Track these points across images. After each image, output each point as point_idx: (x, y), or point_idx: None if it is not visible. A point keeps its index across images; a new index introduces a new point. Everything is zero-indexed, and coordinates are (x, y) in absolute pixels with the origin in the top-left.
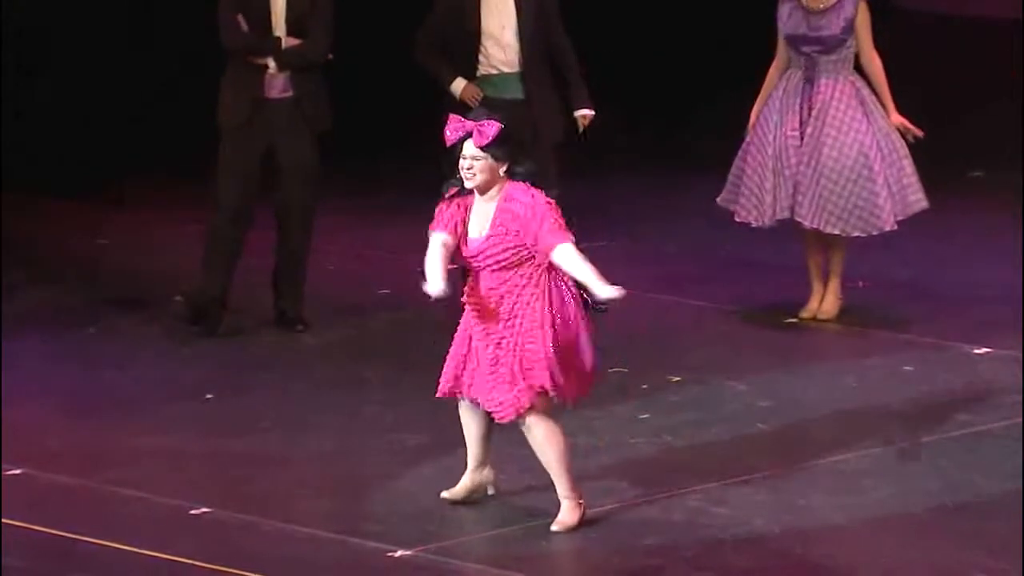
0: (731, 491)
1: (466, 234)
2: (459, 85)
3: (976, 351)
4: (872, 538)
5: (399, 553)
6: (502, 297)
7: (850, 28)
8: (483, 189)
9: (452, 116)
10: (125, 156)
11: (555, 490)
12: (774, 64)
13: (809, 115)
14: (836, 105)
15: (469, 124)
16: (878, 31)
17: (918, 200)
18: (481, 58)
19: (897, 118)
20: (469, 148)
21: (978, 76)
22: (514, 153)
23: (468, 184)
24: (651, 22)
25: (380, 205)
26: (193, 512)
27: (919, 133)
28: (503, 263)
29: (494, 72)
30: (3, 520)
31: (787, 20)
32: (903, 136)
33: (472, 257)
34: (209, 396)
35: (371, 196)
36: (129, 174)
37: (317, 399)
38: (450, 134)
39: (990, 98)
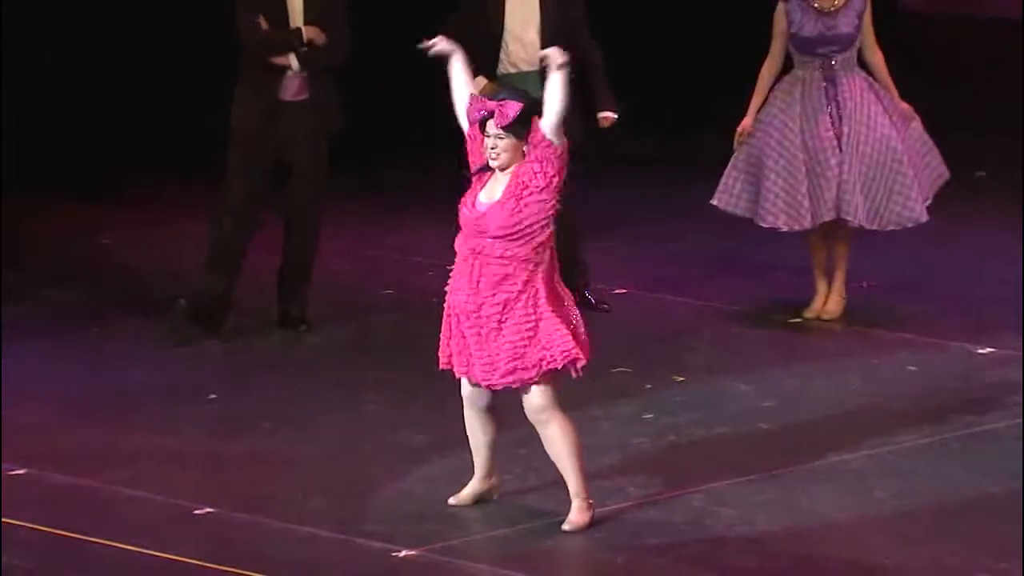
0: (734, 491)
1: (475, 200)
2: (478, 84)
3: (979, 351)
4: (875, 538)
5: (403, 553)
6: (500, 270)
7: (860, 24)
8: (506, 167)
9: (473, 96)
10: (127, 156)
11: (560, 490)
12: (767, 64)
13: (839, 115)
14: (860, 101)
15: (490, 104)
16: (884, 33)
17: (940, 175)
18: (502, 55)
19: (904, 105)
20: (492, 128)
21: (982, 76)
22: None
23: (493, 164)
24: (651, 22)
25: (384, 205)
26: (196, 512)
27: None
28: (507, 232)
29: (514, 71)
30: (5, 520)
31: (799, 23)
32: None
33: (478, 219)
34: (213, 396)
35: (375, 196)
36: (131, 174)
37: (320, 399)
38: (472, 115)
39: (993, 98)
